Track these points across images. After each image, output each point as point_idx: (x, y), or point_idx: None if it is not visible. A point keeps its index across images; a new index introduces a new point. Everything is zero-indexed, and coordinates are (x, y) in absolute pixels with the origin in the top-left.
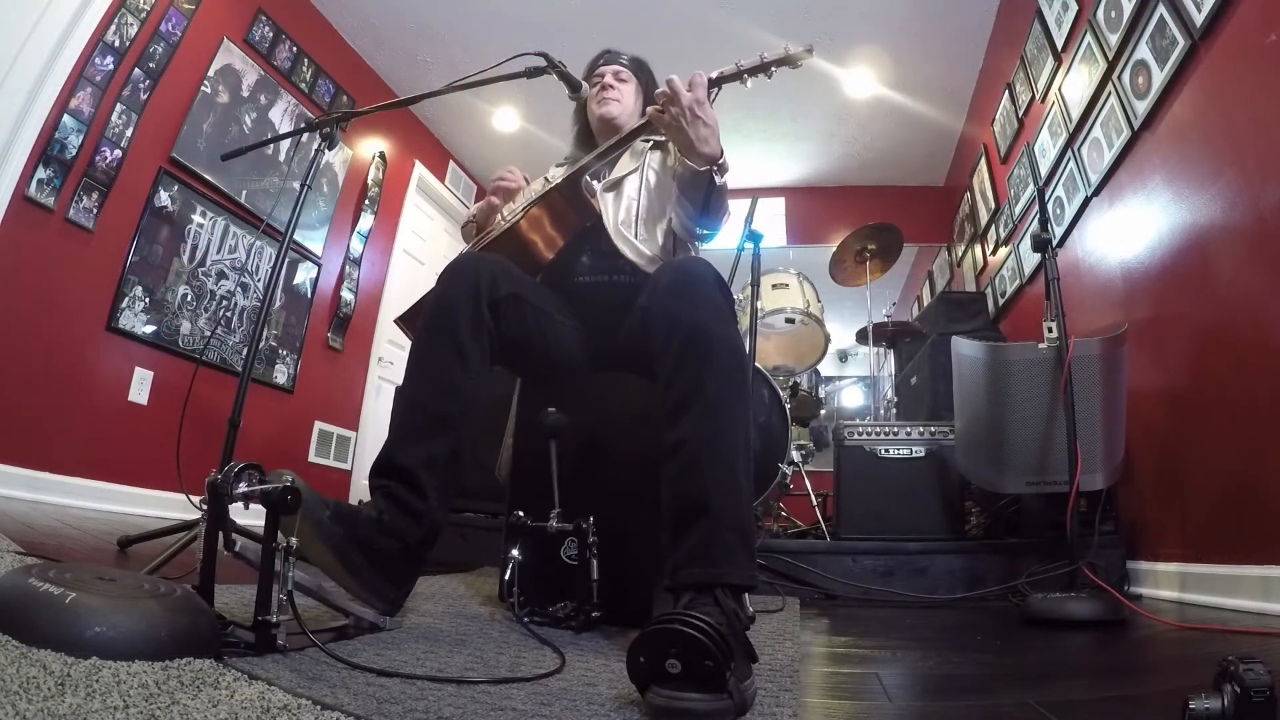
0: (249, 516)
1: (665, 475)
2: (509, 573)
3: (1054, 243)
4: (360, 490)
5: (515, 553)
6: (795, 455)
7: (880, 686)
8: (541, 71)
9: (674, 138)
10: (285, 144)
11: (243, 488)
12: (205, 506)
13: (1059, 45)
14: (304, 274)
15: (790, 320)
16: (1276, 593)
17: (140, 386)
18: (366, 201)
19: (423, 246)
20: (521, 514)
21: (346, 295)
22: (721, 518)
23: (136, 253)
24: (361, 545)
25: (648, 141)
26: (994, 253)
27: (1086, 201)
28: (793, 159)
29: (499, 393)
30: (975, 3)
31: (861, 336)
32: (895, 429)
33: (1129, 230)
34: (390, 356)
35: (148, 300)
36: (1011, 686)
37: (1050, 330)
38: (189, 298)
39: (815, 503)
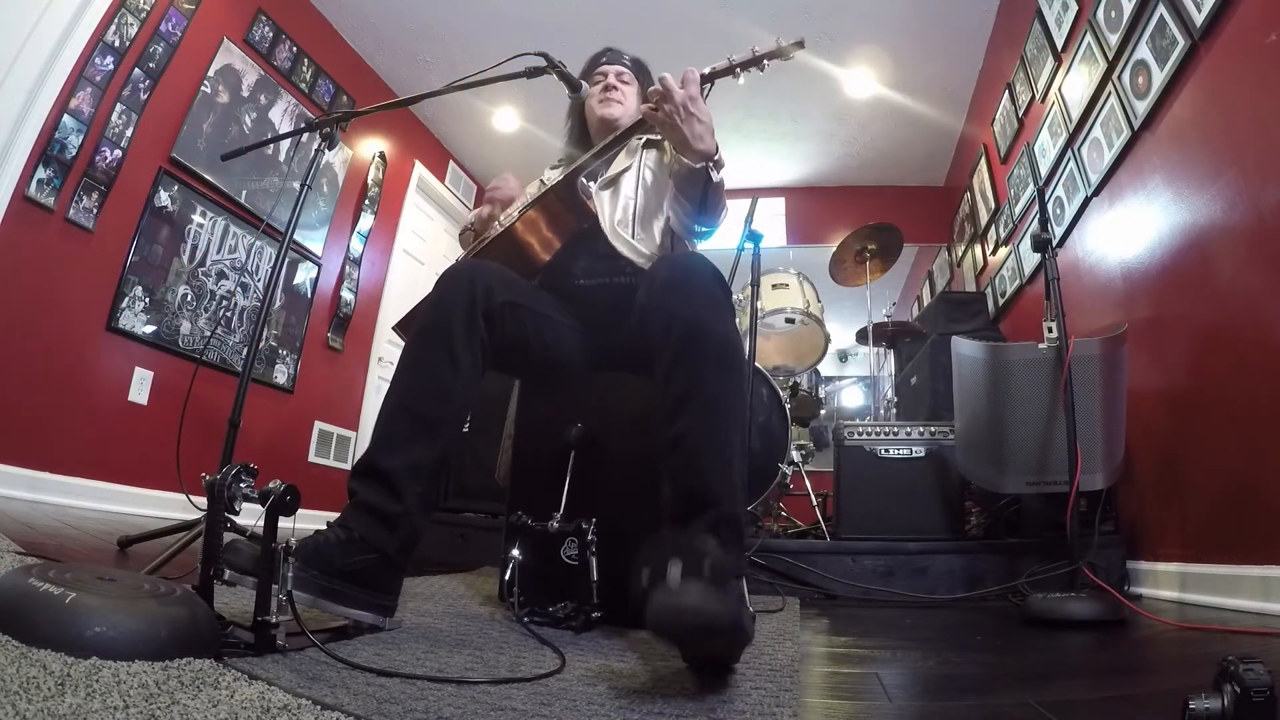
0: (248, 517)
1: (665, 470)
2: (509, 573)
3: (1054, 243)
4: None
5: (515, 553)
6: (795, 455)
7: (880, 686)
8: (541, 71)
9: (668, 135)
10: (285, 144)
11: (242, 489)
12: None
13: (1059, 45)
14: (304, 274)
15: (790, 320)
16: (1276, 593)
17: (140, 386)
18: (366, 201)
19: (423, 246)
20: (522, 514)
21: (346, 295)
22: (720, 511)
23: (136, 253)
24: (340, 574)
25: (641, 139)
26: (994, 253)
27: (1086, 201)
28: (793, 159)
29: (495, 390)
30: (975, 3)
31: (861, 336)
32: (895, 429)
33: (1129, 230)
34: (390, 356)
35: (148, 300)
36: (1011, 686)
37: (1050, 330)
38: (189, 298)
39: (815, 503)
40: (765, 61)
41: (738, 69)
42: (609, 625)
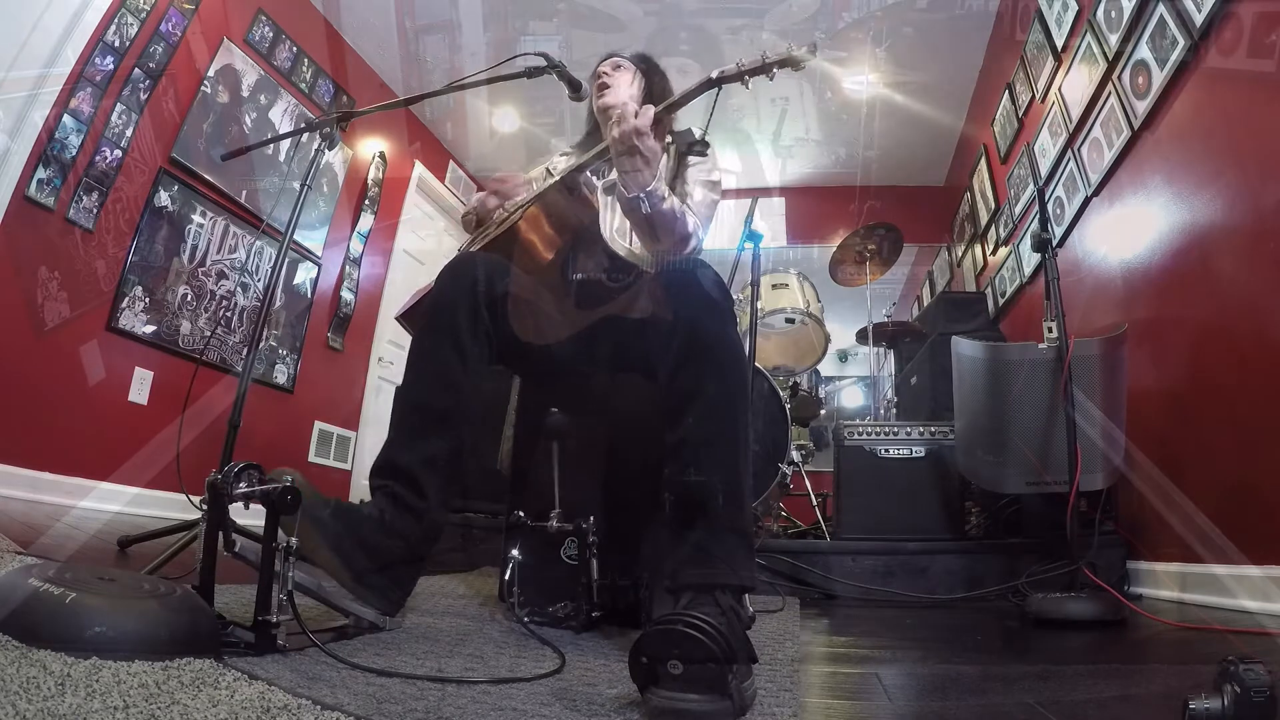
0: (249, 516)
1: (666, 475)
2: (509, 573)
3: (1054, 243)
4: (360, 490)
5: (515, 553)
6: (795, 455)
7: (880, 686)
8: (541, 71)
9: (614, 159)
10: (285, 144)
11: (243, 488)
12: (205, 506)
13: (1059, 45)
14: (304, 274)
15: (790, 320)
16: (1276, 593)
17: (140, 386)
18: (366, 201)
19: (423, 246)
20: (521, 514)
21: (346, 295)
22: (721, 518)
23: (136, 253)
24: (362, 544)
25: None
26: (994, 253)
27: (1086, 201)
28: (793, 159)
29: (498, 388)
30: (975, 3)
31: (861, 336)
32: (895, 429)
33: (1129, 230)
34: (390, 356)
35: (148, 300)
36: (1011, 686)
37: (1050, 330)
38: (189, 298)
39: (815, 503)
40: (774, 69)
41: (746, 76)
42: (609, 625)
